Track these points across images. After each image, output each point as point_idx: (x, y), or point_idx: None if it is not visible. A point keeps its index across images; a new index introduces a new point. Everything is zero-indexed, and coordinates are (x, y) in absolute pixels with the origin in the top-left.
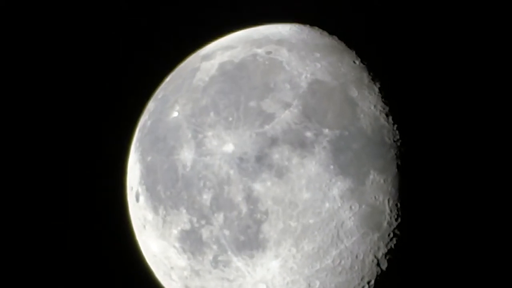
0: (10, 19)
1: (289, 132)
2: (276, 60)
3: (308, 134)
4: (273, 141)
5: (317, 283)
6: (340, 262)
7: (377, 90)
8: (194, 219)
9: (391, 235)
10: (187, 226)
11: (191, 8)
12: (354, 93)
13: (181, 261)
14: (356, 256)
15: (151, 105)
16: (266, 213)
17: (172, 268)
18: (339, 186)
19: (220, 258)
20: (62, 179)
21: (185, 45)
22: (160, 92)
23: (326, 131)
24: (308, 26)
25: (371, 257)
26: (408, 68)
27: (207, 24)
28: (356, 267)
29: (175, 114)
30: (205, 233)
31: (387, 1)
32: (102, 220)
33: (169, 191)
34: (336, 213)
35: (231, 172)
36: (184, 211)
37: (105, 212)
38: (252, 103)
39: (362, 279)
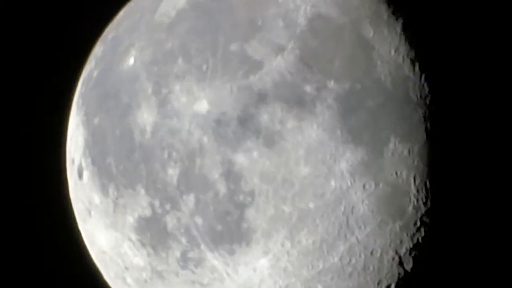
0: None
1: (283, 85)
2: None
3: (308, 88)
4: (261, 98)
5: None
6: (350, 260)
7: (399, 28)
8: (156, 203)
9: (418, 224)
10: (147, 212)
11: None
12: (369, 32)
13: (138, 258)
14: (371, 253)
15: (98, 50)
16: (251, 194)
17: (126, 268)
18: (348, 159)
19: (190, 255)
20: None
21: None
22: (110, 32)
23: (332, 84)
24: None
25: (391, 253)
26: None
27: None
28: (371, 268)
29: (131, 61)
30: (170, 222)
31: None
32: (34, 203)
33: (123, 165)
34: (344, 194)
35: (205, 139)
36: (142, 191)
37: (37, 192)
38: (234, 47)
39: (379, 283)
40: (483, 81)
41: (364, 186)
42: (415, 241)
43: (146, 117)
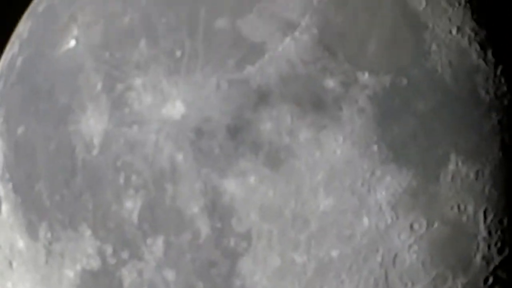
0: None
1: (293, 79)
2: None
3: (330, 83)
4: (262, 97)
5: None
6: None
7: None
8: (108, 250)
9: (490, 281)
10: (94, 263)
11: None
12: (419, 3)
13: None
14: None
15: (24, 27)
16: (247, 237)
17: None
18: (389, 185)
19: None
20: None
21: None
22: (42, 1)
23: (365, 77)
24: None
25: None
26: None
27: None
28: None
29: (71, 43)
30: (128, 277)
31: None
32: None
33: (59, 194)
34: (383, 237)
35: (180, 157)
36: (88, 233)
37: None
38: (222, 23)
39: None
40: None
41: (411, 226)
42: None
43: (93, 124)
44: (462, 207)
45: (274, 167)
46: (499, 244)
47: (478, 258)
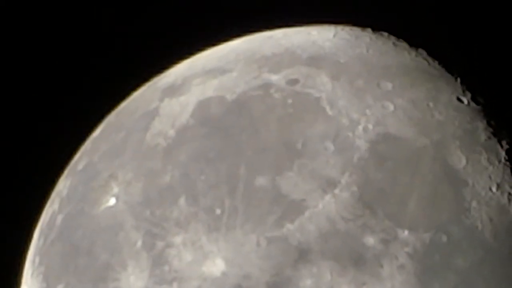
0: None
1: (333, 236)
2: (309, 96)
3: (370, 240)
4: (302, 255)
5: None
6: None
7: (503, 155)
8: None
9: None
10: None
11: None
12: (459, 161)
13: None
14: None
15: (63, 185)
16: None
17: None
18: None
19: None
20: None
21: (133, 68)
22: (82, 159)
23: (405, 234)
24: (369, 30)
25: None
26: None
27: (175, 26)
28: None
29: (111, 201)
30: None
31: None
32: None
33: None
34: None
35: None
36: None
37: None
38: (262, 181)
39: None
40: None
41: None
42: None
43: (133, 281)
44: None
45: None
46: None
47: None
